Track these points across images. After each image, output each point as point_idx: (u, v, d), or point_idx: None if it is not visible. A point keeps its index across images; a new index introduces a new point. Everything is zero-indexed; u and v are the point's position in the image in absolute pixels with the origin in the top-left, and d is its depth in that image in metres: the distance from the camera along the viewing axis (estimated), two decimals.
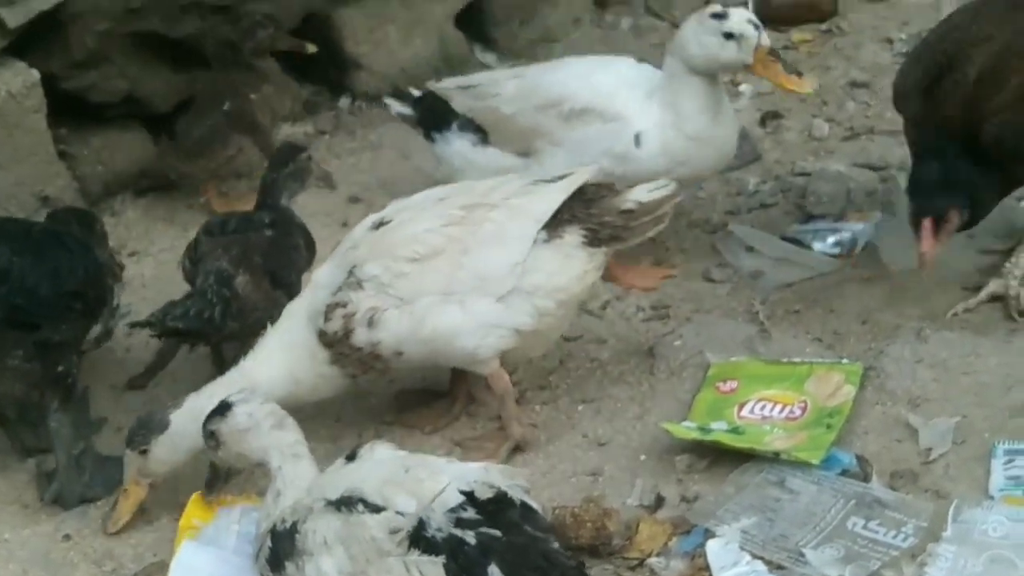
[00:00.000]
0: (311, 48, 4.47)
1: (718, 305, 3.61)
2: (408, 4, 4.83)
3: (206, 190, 4.33)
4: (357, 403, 3.39)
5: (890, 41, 4.80)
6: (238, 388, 2.87)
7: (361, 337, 3.03)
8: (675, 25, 5.20)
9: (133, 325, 3.46)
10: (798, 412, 3.09)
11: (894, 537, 2.66)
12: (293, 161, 3.67)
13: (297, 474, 2.64)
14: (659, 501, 2.93)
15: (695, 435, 3.02)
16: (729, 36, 3.40)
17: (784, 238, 3.80)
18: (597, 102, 3.54)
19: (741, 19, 3.42)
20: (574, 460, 3.13)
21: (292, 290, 3.38)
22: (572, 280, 3.07)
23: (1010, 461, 2.81)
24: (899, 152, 4.03)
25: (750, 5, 5.09)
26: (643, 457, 3.09)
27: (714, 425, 3.06)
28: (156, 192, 4.46)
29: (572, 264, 3.07)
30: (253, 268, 3.38)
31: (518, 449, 3.16)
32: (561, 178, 3.15)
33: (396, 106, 4.00)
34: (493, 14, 5.08)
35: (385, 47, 4.79)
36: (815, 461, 2.87)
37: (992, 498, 2.73)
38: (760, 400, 3.14)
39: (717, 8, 3.47)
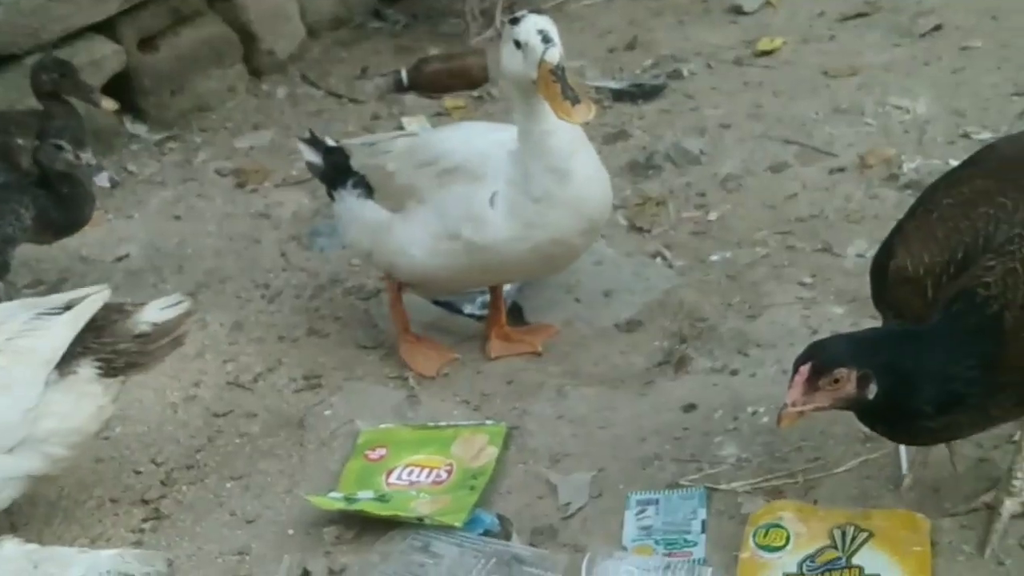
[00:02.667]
0: (108, 104, 4.27)
1: (370, 372, 3.60)
2: None
3: None
4: None
5: None
6: None
7: None
8: (330, 93, 5.28)
9: None
10: (444, 476, 3.11)
11: None
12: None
13: None
14: (305, 575, 2.90)
15: (340, 505, 3.00)
16: (518, 45, 3.07)
17: (435, 302, 3.84)
18: (467, 162, 3.30)
19: (531, 27, 3.05)
20: (221, 540, 3.05)
21: None
22: (87, 420, 2.91)
23: (642, 511, 2.90)
24: None
25: (404, 74, 5.20)
26: (291, 532, 3.04)
27: (361, 494, 3.05)
28: None
29: (86, 402, 2.90)
30: None
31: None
32: (67, 307, 2.94)
33: (307, 153, 3.74)
34: (142, 84, 5.00)
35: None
36: (458, 524, 2.88)
37: (625, 549, 2.80)
38: (408, 466, 3.15)
39: (519, 13, 3.17)
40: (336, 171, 3.61)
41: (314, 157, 3.71)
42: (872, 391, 2.39)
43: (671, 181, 4.29)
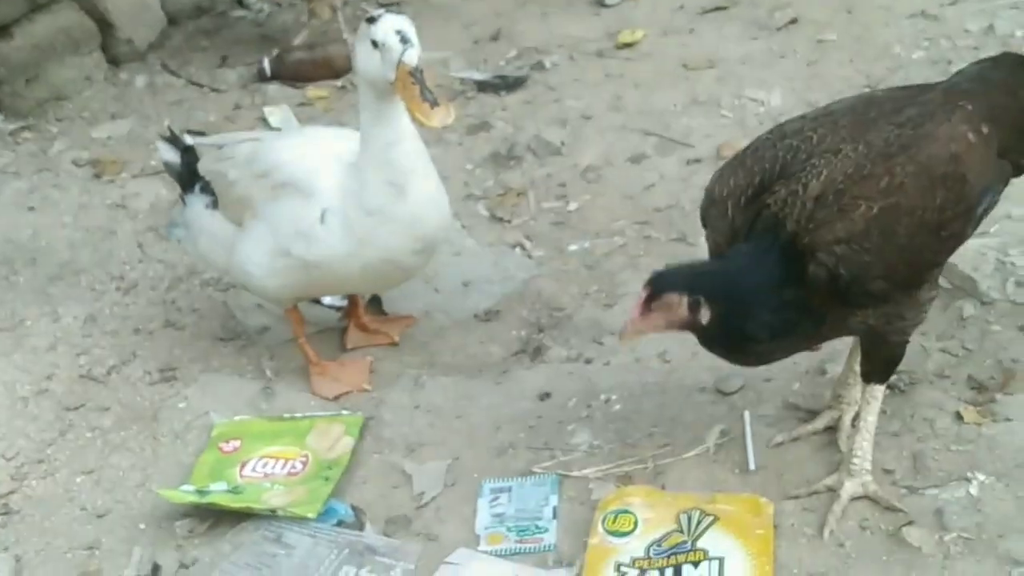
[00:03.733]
0: None
1: (227, 364, 3.57)
2: None
3: None
4: None
5: None
6: None
7: None
8: (191, 82, 5.22)
9: None
10: (299, 467, 3.10)
11: None
12: None
13: None
14: (156, 569, 2.86)
15: (192, 499, 2.98)
16: (375, 45, 2.95)
17: None
18: (297, 176, 3.17)
19: (388, 27, 2.94)
20: (71, 534, 3.02)
21: None
22: None
23: (495, 499, 2.92)
24: None
25: (266, 64, 5.16)
26: (143, 526, 3.01)
27: (213, 486, 3.03)
28: None
29: None
30: None
31: None
32: None
33: (165, 151, 3.58)
34: None
35: None
36: (311, 515, 2.89)
37: (478, 537, 2.83)
38: (263, 457, 3.13)
39: (376, 12, 3.03)
40: (190, 173, 3.50)
41: (171, 156, 3.58)
42: (705, 316, 2.56)
43: (532, 172, 4.32)
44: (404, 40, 2.94)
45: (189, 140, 3.58)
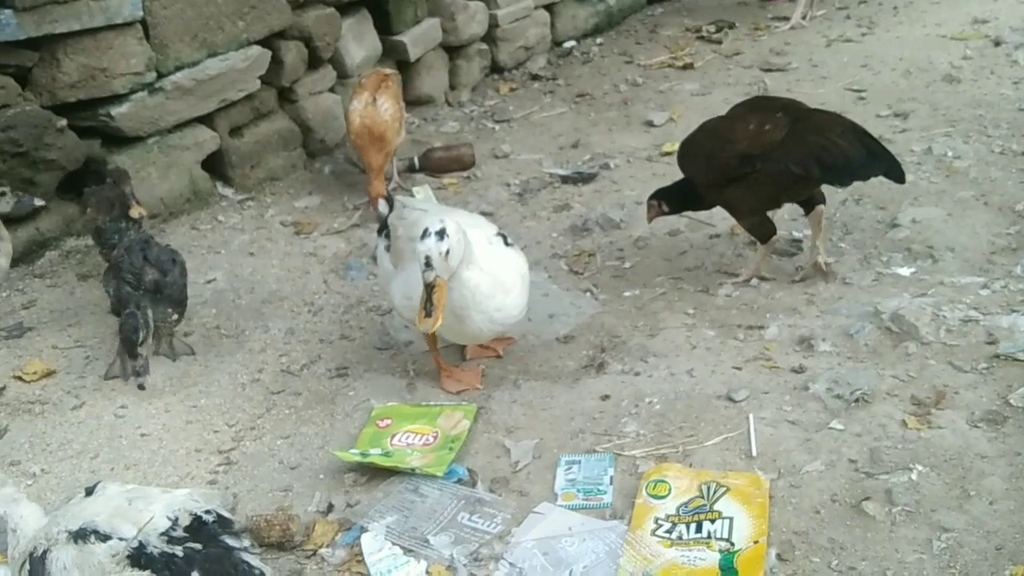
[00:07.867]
0: (135, 212, 3.87)
1: (384, 366, 3.59)
2: (165, 151, 4.68)
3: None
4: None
5: (508, 185, 4.97)
6: None
7: None
8: (363, 170, 5.27)
9: None
10: (432, 440, 3.10)
11: (488, 525, 2.70)
12: None
13: (21, 514, 2.43)
14: (330, 507, 2.88)
15: (357, 458, 2.99)
16: None
17: None
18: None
19: (422, 249, 2.93)
20: (272, 480, 3.04)
21: None
22: None
23: (569, 469, 2.90)
24: None
25: (416, 159, 5.21)
26: (322, 476, 3.03)
27: (372, 451, 3.04)
28: None
29: None
30: None
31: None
32: None
33: (382, 206, 3.52)
34: (231, 160, 4.97)
35: (147, 183, 4.62)
36: (439, 474, 2.89)
37: (556, 495, 2.81)
38: (406, 432, 3.14)
39: (431, 228, 2.94)
40: (385, 222, 3.50)
41: (384, 209, 3.53)
42: (665, 208, 3.85)
43: (599, 240, 4.31)
44: (427, 264, 2.91)
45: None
